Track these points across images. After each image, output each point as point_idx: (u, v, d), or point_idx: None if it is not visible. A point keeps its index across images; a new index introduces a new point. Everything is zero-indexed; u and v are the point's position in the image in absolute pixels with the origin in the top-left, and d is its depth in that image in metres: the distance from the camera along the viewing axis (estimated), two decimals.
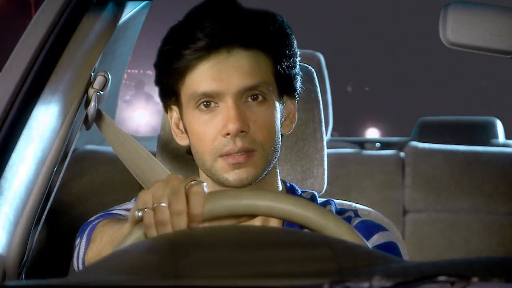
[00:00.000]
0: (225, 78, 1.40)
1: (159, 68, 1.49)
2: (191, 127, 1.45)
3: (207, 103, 1.42)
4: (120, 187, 2.37)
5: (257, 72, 1.42)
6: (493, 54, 1.62)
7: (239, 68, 1.41)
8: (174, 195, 1.11)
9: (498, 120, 4.72)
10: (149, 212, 1.11)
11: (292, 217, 1.13)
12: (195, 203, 1.11)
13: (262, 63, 1.43)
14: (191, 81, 1.43)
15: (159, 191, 1.13)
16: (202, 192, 1.12)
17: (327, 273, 0.88)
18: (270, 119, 1.43)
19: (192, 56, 1.41)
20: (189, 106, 1.44)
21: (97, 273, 0.95)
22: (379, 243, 1.48)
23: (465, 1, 1.65)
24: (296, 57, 1.49)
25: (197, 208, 1.11)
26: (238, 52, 1.41)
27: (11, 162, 1.57)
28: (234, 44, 1.41)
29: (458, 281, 0.83)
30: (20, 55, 1.66)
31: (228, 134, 1.40)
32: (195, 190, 1.12)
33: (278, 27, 1.46)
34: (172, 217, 1.10)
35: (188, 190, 1.12)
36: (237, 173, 1.42)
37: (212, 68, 1.41)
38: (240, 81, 1.40)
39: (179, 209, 1.10)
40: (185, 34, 1.43)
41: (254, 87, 1.41)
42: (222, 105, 1.41)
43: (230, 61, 1.41)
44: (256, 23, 1.44)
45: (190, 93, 1.43)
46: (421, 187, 2.76)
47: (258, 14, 1.46)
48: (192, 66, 1.42)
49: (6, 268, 1.58)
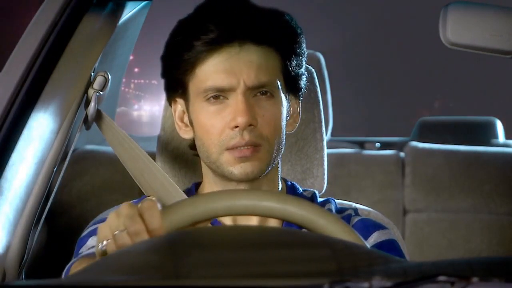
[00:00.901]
0: (237, 73, 1.41)
1: (167, 59, 1.48)
2: (198, 119, 1.45)
3: (216, 96, 1.42)
4: (120, 187, 2.37)
5: (267, 68, 1.43)
6: (493, 54, 1.62)
7: (250, 63, 1.41)
8: (128, 218, 1.14)
9: (498, 120, 4.72)
10: (110, 242, 1.14)
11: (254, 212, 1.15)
12: (149, 218, 1.13)
13: (272, 60, 1.44)
14: (202, 73, 1.43)
15: (114, 220, 1.16)
16: (154, 205, 1.14)
17: (327, 273, 0.88)
18: (277, 115, 1.44)
19: (204, 48, 1.41)
20: (198, 98, 1.44)
21: (97, 273, 0.95)
22: (380, 240, 1.48)
23: (465, 1, 1.65)
24: (304, 57, 1.50)
25: (154, 222, 1.13)
26: (249, 47, 1.42)
27: (11, 162, 1.57)
28: (246, 39, 1.41)
29: (458, 281, 0.83)
30: (20, 55, 1.65)
31: (237, 127, 1.40)
32: (146, 206, 1.14)
33: (288, 26, 1.47)
34: (133, 239, 1.13)
35: (141, 209, 1.14)
36: (243, 166, 1.42)
37: (224, 62, 1.41)
38: (251, 77, 1.41)
39: (137, 229, 1.12)
40: (197, 26, 1.42)
41: (264, 84, 1.42)
42: (231, 98, 1.41)
43: (242, 56, 1.41)
44: (267, 20, 1.45)
45: (199, 86, 1.43)
46: (421, 187, 2.76)
47: (269, 12, 1.47)
48: (203, 58, 1.42)
49: (6, 268, 1.58)
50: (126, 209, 1.16)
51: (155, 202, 1.14)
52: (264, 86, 1.42)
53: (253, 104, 1.41)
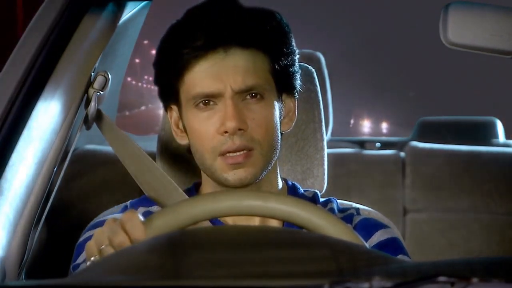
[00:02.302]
0: (223, 79, 1.41)
1: (158, 67, 1.49)
2: (190, 126, 1.46)
3: (206, 102, 1.42)
4: (120, 187, 2.37)
5: (254, 71, 1.42)
6: (493, 54, 1.62)
7: (237, 68, 1.41)
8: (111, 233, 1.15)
9: (498, 120, 4.72)
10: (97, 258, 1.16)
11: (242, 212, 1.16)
12: (131, 228, 1.14)
13: (260, 62, 1.44)
14: (190, 80, 1.43)
15: (99, 237, 1.17)
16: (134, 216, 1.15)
17: (327, 273, 0.88)
18: (268, 117, 1.44)
19: (190, 55, 1.42)
20: (188, 105, 1.45)
21: (97, 273, 0.95)
22: (382, 239, 1.48)
23: (465, 1, 1.65)
24: (294, 55, 1.49)
25: (137, 232, 1.14)
26: (235, 51, 1.42)
27: (11, 162, 1.57)
28: (231, 44, 1.41)
29: (458, 282, 0.83)
30: (20, 55, 1.66)
31: (226, 132, 1.40)
32: (127, 217, 1.16)
33: (275, 26, 1.46)
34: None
35: (122, 221, 1.15)
36: (236, 173, 1.42)
37: (210, 68, 1.41)
38: (238, 81, 1.41)
39: (120, 241, 1.14)
40: (184, 33, 1.43)
41: (252, 87, 1.42)
42: (220, 103, 1.41)
43: (228, 61, 1.41)
44: (253, 22, 1.44)
45: (188, 93, 1.44)
46: (421, 187, 2.75)
47: (256, 13, 1.46)
48: (190, 65, 1.43)
49: (6, 268, 1.58)
50: (108, 224, 1.18)
51: (135, 213, 1.16)
52: (252, 89, 1.42)
53: (242, 108, 1.41)
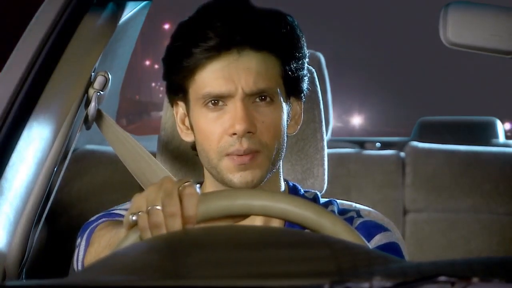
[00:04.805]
0: (235, 80, 1.40)
1: (167, 64, 1.48)
2: (197, 124, 1.45)
3: (215, 102, 1.42)
4: (120, 187, 2.36)
5: (266, 74, 1.42)
6: (493, 54, 1.62)
7: (249, 70, 1.40)
8: (167, 197, 1.11)
9: (498, 120, 4.72)
10: (143, 216, 1.12)
11: (287, 216, 1.12)
12: (188, 204, 1.11)
13: (272, 66, 1.43)
14: (201, 79, 1.42)
15: (152, 194, 1.13)
16: (195, 193, 1.12)
17: (327, 273, 0.88)
18: (277, 120, 1.43)
19: (203, 55, 1.41)
20: (197, 103, 1.44)
21: (97, 273, 0.95)
22: (381, 243, 1.48)
23: (465, 1, 1.65)
24: (304, 59, 1.49)
25: (191, 210, 1.11)
26: (248, 53, 1.41)
27: (11, 162, 1.57)
28: (244, 46, 1.40)
29: (458, 281, 0.83)
30: (20, 55, 1.66)
31: (235, 134, 1.40)
32: (188, 191, 1.12)
33: (289, 30, 1.45)
34: (166, 220, 1.10)
35: (181, 192, 1.12)
36: (242, 175, 1.41)
37: (222, 69, 1.40)
38: (250, 83, 1.40)
39: (173, 211, 1.10)
40: (196, 32, 1.42)
41: (263, 90, 1.41)
42: (230, 104, 1.41)
43: (240, 62, 1.40)
44: (267, 24, 1.43)
45: (198, 92, 1.43)
46: (421, 187, 2.76)
47: (270, 15, 1.45)
48: (202, 65, 1.42)
49: (6, 268, 1.58)
50: (168, 184, 1.13)
51: (196, 189, 1.12)
52: (262, 92, 1.41)
53: (252, 111, 1.41)
